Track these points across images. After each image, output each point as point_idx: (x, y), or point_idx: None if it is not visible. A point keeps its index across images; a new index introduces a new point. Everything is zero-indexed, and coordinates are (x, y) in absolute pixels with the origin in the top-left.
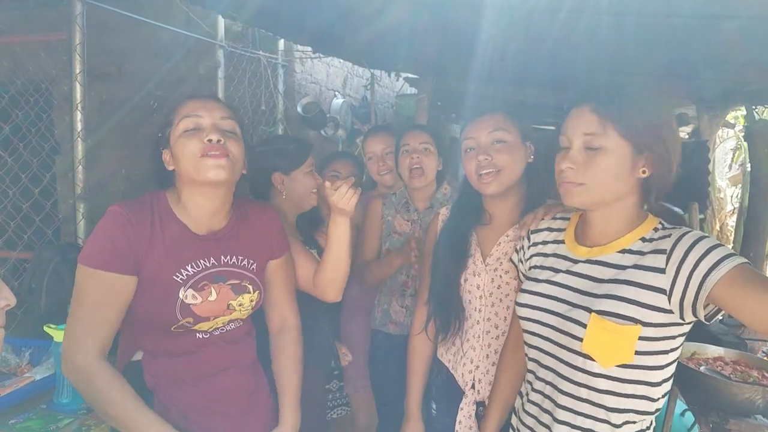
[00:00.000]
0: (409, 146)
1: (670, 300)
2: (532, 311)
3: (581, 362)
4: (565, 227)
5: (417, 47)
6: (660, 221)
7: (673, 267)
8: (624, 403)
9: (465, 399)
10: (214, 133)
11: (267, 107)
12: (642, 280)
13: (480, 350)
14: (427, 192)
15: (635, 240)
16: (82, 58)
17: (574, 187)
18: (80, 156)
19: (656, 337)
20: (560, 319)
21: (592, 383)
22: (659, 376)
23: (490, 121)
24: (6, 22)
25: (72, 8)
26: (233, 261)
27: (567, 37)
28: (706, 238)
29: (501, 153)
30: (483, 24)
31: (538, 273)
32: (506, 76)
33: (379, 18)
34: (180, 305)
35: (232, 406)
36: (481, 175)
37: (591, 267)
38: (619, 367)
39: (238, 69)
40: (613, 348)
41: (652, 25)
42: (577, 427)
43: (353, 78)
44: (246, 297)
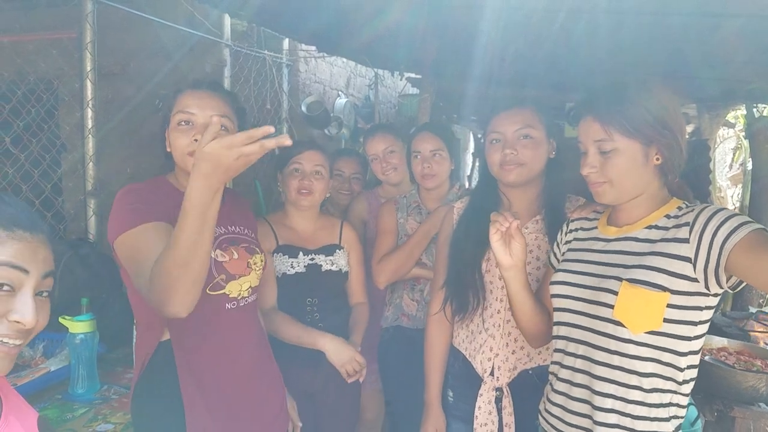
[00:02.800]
0: (421, 154)
1: (695, 267)
2: (565, 287)
3: (612, 329)
4: (599, 218)
5: (419, 47)
6: (684, 202)
7: (696, 236)
8: (651, 367)
9: (484, 385)
10: (200, 133)
11: (272, 106)
12: (669, 251)
13: (500, 338)
14: (440, 192)
15: (660, 217)
16: (93, 56)
17: (600, 186)
18: (91, 152)
19: (684, 306)
20: (592, 291)
21: (623, 349)
22: (686, 347)
23: (519, 116)
24: (18, 20)
25: (83, 7)
26: (237, 229)
27: (566, 38)
28: (725, 209)
29: (527, 148)
30: (484, 25)
31: (572, 254)
32: (507, 77)
33: (381, 17)
34: (214, 264)
35: (258, 380)
36: (504, 166)
37: (621, 243)
38: (648, 333)
39: (244, 68)
40: (643, 314)
41: (650, 24)
42: (611, 395)
43: (356, 78)
44: (257, 257)
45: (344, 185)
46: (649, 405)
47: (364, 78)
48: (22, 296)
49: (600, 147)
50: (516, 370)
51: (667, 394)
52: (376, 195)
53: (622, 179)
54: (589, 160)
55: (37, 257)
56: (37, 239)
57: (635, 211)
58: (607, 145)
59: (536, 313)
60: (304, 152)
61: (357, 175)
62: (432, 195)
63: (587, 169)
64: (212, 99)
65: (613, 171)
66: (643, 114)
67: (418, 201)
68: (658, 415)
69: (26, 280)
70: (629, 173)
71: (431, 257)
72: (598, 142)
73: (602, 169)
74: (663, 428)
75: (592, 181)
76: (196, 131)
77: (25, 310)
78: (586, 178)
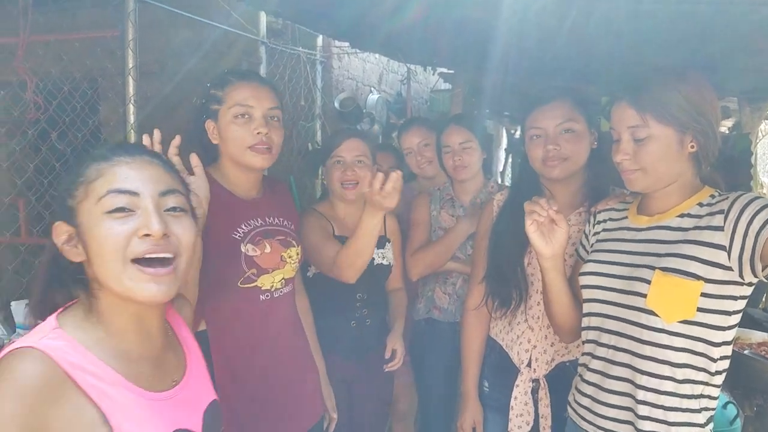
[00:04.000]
0: (450, 148)
1: (730, 256)
2: (596, 278)
3: (645, 319)
4: (628, 207)
5: (450, 41)
6: (717, 190)
7: (731, 224)
8: (684, 358)
9: (521, 376)
10: (263, 126)
11: (306, 102)
12: (703, 239)
13: (538, 330)
14: (473, 185)
15: (693, 205)
16: (135, 54)
17: (632, 173)
18: None
19: (718, 295)
20: (624, 281)
21: (655, 339)
22: (719, 337)
23: (559, 110)
24: (65, 19)
25: (125, 6)
26: (275, 221)
27: (605, 29)
28: (761, 198)
29: (569, 142)
30: (519, 17)
31: (602, 245)
32: (541, 70)
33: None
34: (244, 258)
35: (292, 369)
36: (547, 161)
37: (653, 232)
38: (681, 322)
39: (279, 65)
40: (677, 303)
41: (674, 13)
42: (642, 386)
43: (388, 74)
44: (293, 250)
45: None
46: (681, 396)
47: (396, 74)
48: (143, 213)
49: (634, 134)
50: (554, 362)
51: (699, 386)
52: (411, 189)
53: (656, 167)
54: (622, 147)
55: (144, 176)
56: (140, 160)
57: (667, 200)
58: (642, 131)
59: (571, 306)
60: (344, 142)
61: (394, 170)
62: (465, 187)
63: (620, 156)
64: (265, 91)
65: (647, 158)
66: (678, 100)
67: (452, 194)
68: (690, 407)
69: (140, 200)
70: (663, 161)
71: (464, 251)
72: (631, 128)
73: (635, 157)
74: (694, 419)
75: (625, 169)
76: (256, 125)
77: (148, 222)
78: (619, 165)
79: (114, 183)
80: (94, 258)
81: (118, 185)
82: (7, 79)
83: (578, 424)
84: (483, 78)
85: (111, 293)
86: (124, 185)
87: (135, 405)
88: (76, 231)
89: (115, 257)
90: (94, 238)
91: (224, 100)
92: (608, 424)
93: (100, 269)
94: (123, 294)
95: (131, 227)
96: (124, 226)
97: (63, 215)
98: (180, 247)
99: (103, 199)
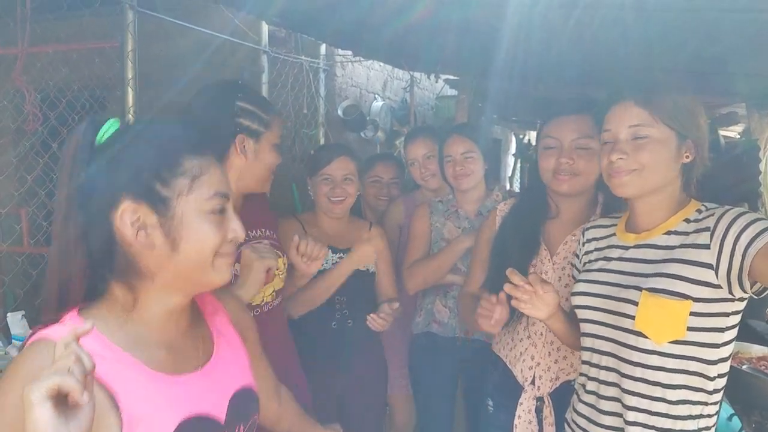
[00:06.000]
0: (452, 158)
1: (717, 274)
2: (586, 298)
3: (634, 340)
4: (616, 223)
5: (455, 47)
6: (703, 204)
7: (717, 241)
8: (677, 379)
9: (525, 394)
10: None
11: (309, 110)
12: (689, 257)
13: (542, 347)
14: (476, 194)
15: (679, 222)
16: (134, 64)
17: (627, 174)
18: None
19: (708, 313)
20: (613, 302)
21: (645, 361)
22: (715, 355)
23: (576, 124)
24: (64, 30)
25: (124, 17)
26: (258, 234)
27: (605, 35)
28: (747, 213)
29: (583, 159)
30: (524, 22)
31: (592, 264)
32: (549, 75)
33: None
34: (234, 278)
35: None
36: (558, 175)
37: (640, 251)
38: (672, 343)
39: (281, 74)
40: (665, 324)
41: (681, 18)
42: (633, 408)
43: (393, 81)
44: (280, 261)
45: (383, 191)
46: (675, 417)
47: (401, 81)
48: (230, 216)
49: (635, 133)
50: (558, 380)
51: (698, 406)
52: (413, 199)
53: (653, 168)
54: (619, 146)
55: (226, 179)
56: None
57: (654, 215)
58: (644, 130)
59: (578, 334)
60: (333, 161)
61: (395, 180)
62: (468, 197)
63: (616, 155)
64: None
65: (646, 157)
66: (682, 106)
67: (456, 205)
68: (684, 428)
69: (228, 204)
70: (661, 164)
71: (466, 263)
72: (634, 127)
73: (634, 155)
74: None
75: (618, 169)
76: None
77: (237, 228)
78: (610, 166)
79: (216, 185)
80: (183, 251)
81: (220, 188)
82: (7, 89)
83: None
84: (489, 83)
85: (163, 285)
86: (223, 188)
87: (149, 388)
88: (160, 221)
89: (210, 253)
90: (194, 232)
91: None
92: None
93: (185, 261)
94: (197, 283)
95: (225, 229)
96: (221, 226)
97: (147, 200)
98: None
99: (211, 200)
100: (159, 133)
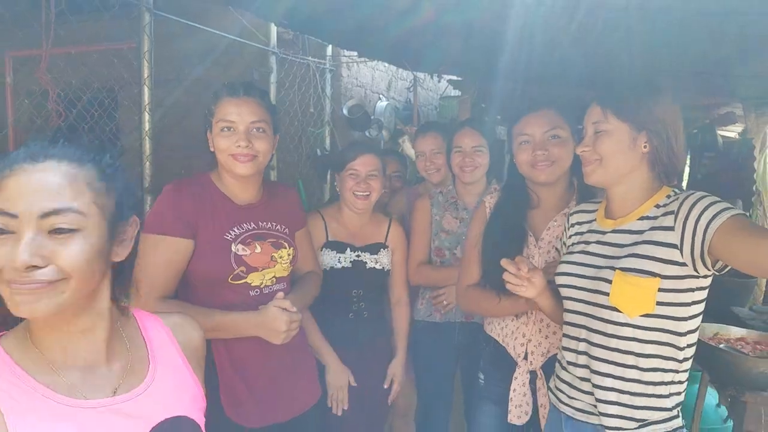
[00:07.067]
0: (461, 149)
1: (682, 253)
2: (567, 278)
3: (608, 314)
4: (596, 209)
5: (458, 48)
6: (673, 190)
7: (680, 223)
8: (649, 348)
9: (519, 369)
10: (243, 139)
11: (315, 110)
12: (657, 238)
13: (532, 325)
14: (477, 188)
15: (651, 207)
16: (150, 64)
17: (590, 164)
18: (148, 153)
19: (675, 289)
20: (590, 281)
21: (619, 332)
22: (683, 327)
23: (546, 118)
24: (83, 32)
25: (141, 19)
26: (269, 225)
27: (606, 35)
28: (708, 196)
29: (556, 147)
30: (527, 24)
31: (574, 247)
32: (552, 76)
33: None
34: (234, 257)
35: (286, 355)
36: (536, 165)
37: (616, 236)
38: (643, 316)
39: (289, 74)
40: (636, 299)
41: (684, 21)
42: (609, 375)
43: (397, 81)
44: (284, 251)
45: (385, 183)
46: (646, 383)
47: (405, 81)
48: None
49: (596, 128)
50: (549, 353)
51: (669, 373)
52: (416, 192)
53: (610, 158)
54: (584, 140)
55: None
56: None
57: (627, 202)
58: (602, 125)
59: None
60: (359, 157)
61: (397, 173)
62: (470, 189)
63: (581, 148)
64: (249, 105)
65: (602, 148)
66: (639, 101)
67: (456, 196)
68: (656, 392)
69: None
70: (617, 154)
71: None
72: (595, 123)
73: (594, 148)
74: (662, 404)
75: (586, 159)
76: (236, 139)
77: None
78: (581, 156)
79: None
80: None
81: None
82: (30, 88)
83: (557, 408)
84: (491, 84)
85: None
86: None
87: (42, 410)
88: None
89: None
90: None
91: (214, 114)
92: (582, 405)
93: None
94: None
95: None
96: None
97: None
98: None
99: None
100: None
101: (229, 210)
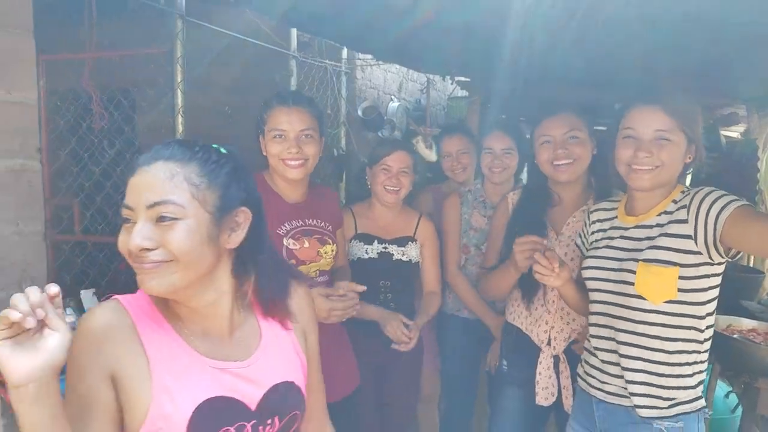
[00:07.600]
0: (492, 151)
1: (696, 242)
2: (594, 271)
3: (636, 302)
4: (616, 206)
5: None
6: (686, 186)
7: (693, 215)
8: (673, 332)
9: (543, 354)
10: (294, 146)
11: (332, 111)
12: (674, 231)
13: (555, 313)
14: (505, 188)
15: (669, 203)
16: (183, 69)
17: (649, 171)
18: None
19: (694, 276)
20: (616, 272)
21: (646, 318)
22: (703, 311)
23: (566, 120)
24: (120, 37)
25: (173, 26)
26: (315, 222)
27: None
28: (716, 190)
29: (575, 146)
30: (535, 26)
31: (599, 243)
32: (556, 77)
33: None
34: (286, 250)
35: (326, 343)
36: (558, 165)
37: (638, 231)
38: (667, 302)
39: (308, 77)
40: (659, 287)
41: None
42: (638, 358)
43: (408, 83)
44: (328, 247)
45: None
46: (672, 364)
47: (415, 82)
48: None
49: (660, 135)
50: (570, 338)
51: (692, 354)
52: (440, 190)
53: (669, 166)
54: (646, 145)
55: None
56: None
57: (650, 201)
58: (668, 135)
59: (585, 299)
60: (393, 153)
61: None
62: (498, 189)
63: (644, 153)
64: (298, 113)
65: (667, 156)
66: (693, 116)
67: (484, 195)
68: (682, 372)
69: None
70: (676, 163)
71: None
72: (660, 131)
73: (658, 154)
74: (687, 383)
75: (643, 165)
76: (288, 145)
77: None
78: (634, 160)
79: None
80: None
81: (126, 200)
82: (70, 89)
83: (588, 392)
84: (494, 84)
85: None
86: (126, 200)
87: (184, 363)
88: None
89: (126, 256)
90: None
91: (266, 121)
92: (614, 389)
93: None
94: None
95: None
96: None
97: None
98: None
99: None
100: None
101: (280, 207)
